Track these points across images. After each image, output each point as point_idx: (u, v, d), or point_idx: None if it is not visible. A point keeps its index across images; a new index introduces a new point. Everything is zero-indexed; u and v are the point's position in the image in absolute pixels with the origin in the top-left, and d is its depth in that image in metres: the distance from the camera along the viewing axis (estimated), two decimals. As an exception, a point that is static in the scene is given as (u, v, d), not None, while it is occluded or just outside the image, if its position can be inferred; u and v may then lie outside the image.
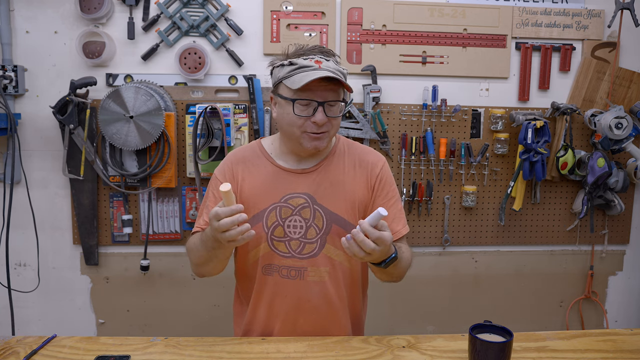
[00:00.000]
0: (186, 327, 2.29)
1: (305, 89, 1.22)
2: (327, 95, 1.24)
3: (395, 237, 1.34)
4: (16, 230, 2.10)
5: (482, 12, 2.22)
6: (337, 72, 1.24)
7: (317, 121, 1.24)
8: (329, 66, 1.24)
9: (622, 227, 2.42)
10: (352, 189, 1.34)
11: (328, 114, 1.25)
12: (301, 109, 1.25)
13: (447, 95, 2.23)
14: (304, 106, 1.24)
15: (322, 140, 1.28)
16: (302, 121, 1.25)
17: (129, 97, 2.00)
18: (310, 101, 1.24)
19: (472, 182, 2.31)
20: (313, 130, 1.25)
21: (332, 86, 1.25)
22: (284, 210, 1.31)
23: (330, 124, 1.27)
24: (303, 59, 1.25)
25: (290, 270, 1.32)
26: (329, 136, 1.29)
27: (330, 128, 1.28)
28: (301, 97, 1.23)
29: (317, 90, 1.23)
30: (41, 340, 1.24)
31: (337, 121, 1.29)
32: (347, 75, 1.30)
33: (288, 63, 1.25)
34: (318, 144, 1.28)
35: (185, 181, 2.18)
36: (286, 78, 1.25)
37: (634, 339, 1.30)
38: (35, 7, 2.08)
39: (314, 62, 1.23)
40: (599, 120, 2.19)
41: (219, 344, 1.25)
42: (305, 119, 1.25)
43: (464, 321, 2.34)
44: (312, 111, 1.24)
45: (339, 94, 1.27)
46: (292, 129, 1.27)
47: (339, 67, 1.27)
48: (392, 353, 1.21)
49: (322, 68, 1.22)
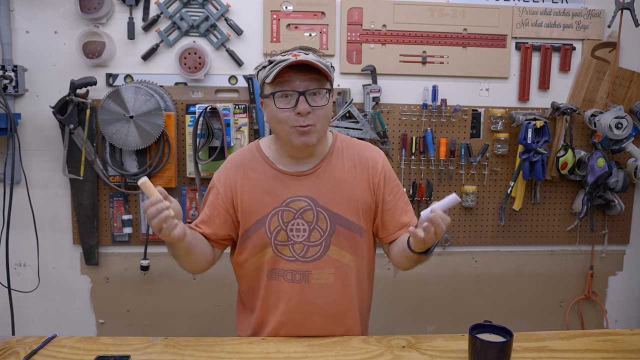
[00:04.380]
0: (186, 327, 2.29)
1: (282, 81, 1.21)
2: (308, 85, 1.21)
3: (404, 231, 1.37)
4: (16, 230, 2.10)
5: (482, 12, 2.22)
6: (316, 61, 1.20)
7: (300, 111, 1.20)
8: (307, 57, 1.21)
9: (622, 227, 2.42)
10: (354, 189, 1.33)
11: (312, 103, 1.22)
12: (283, 102, 1.22)
13: (447, 95, 2.23)
14: (286, 98, 1.22)
15: (310, 135, 1.24)
16: (286, 115, 1.22)
17: (129, 97, 2.00)
18: (291, 92, 1.21)
19: (472, 182, 2.31)
20: (298, 123, 1.22)
21: (313, 75, 1.22)
22: (285, 214, 1.30)
23: (315, 116, 1.23)
24: (282, 56, 1.23)
25: (295, 274, 1.31)
26: (316, 130, 1.24)
27: (316, 120, 1.23)
28: (279, 89, 1.22)
29: (296, 81, 1.21)
30: (41, 340, 1.24)
31: (323, 111, 1.24)
32: (332, 69, 1.28)
33: (267, 62, 1.24)
34: (306, 140, 1.23)
35: (185, 181, 2.18)
36: (267, 76, 1.23)
37: (634, 339, 1.30)
38: (35, 7, 2.08)
39: (292, 55, 1.21)
40: (599, 120, 2.19)
41: (219, 344, 1.25)
42: (289, 112, 1.22)
43: (464, 321, 2.34)
44: (294, 102, 1.21)
45: (322, 83, 1.23)
46: (279, 126, 1.25)
47: (319, 59, 1.23)
48: (392, 353, 1.21)
49: (298, 59, 1.19)
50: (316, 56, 1.25)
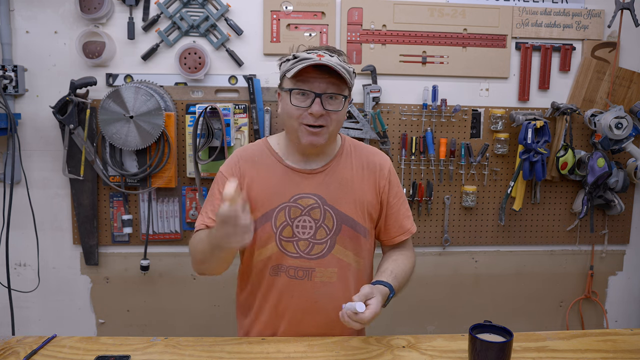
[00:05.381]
0: (186, 327, 2.29)
1: (303, 79, 1.22)
2: (326, 88, 1.23)
3: (405, 236, 1.42)
4: (16, 230, 2.10)
5: (482, 12, 2.22)
6: (339, 66, 1.22)
7: (314, 112, 1.22)
8: (331, 60, 1.22)
9: (622, 227, 2.42)
10: (361, 190, 1.35)
11: (326, 107, 1.23)
12: (299, 100, 1.24)
13: (447, 95, 2.23)
14: (302, 97, 1.24)
15: (319, 136, 1.26)
16: (299, 112, 1.24)
17: (129, 97, 2.00)
18: (308, 92, 1.23)
19: (472, 182, 2.31)
20: (310, 122, 1.24)
21: (333, 79, 1.23)
22: (293, 210, 1.31)
23: (329, 118, 1.25)
24: (307, 53, 1.25)
25: (298, 270, 1.32)
26: (327, 132, 1.26)
27: (328, 123, 1.25)
28: (298, 87, 1.23)
29: (315, 82, 1.22)
30: (41, 340, 1.24)
31: (337, 116, 1.26)
32: (353, 75, 1.29)
33: (292, 57, 1.26)
34: (314, 140, 1.26)
35: (185, 181, 2.18)
36: (288, 70, 1.24)
37: (634, 339, 1.30)
38: (35, 7, 2.08)
39: (317, 55, 1.23)
40: (599, 120, 2.19)
41: (219, 344, 1.24)
42: (302, 110, 1.24)
43: (464, 321, 2.34)
44: (310, 102, 1.23)
45: (341, 88, 1.25)
46: (290, 121, 1.27)
47: (343, 64, 1.25)
48: (392, 353, 1.21)
49: (322, 61, 1.21)
50: (341, 60, 1.26)
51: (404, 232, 1.41)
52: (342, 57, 1.30)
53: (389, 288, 1.25)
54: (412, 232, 1.42)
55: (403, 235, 1.41)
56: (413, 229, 1.43)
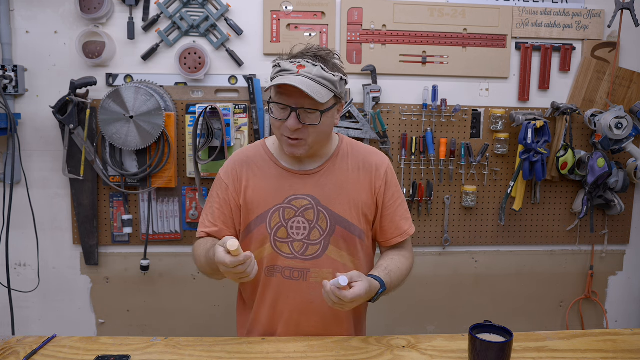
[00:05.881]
0: (186, 327, 2.29)
1: (282, 91, 1.21)
2: (303, 102, 1.20)
3: (402, 237, 1.40)
4: (16, 230, 2.10)
5: (482, 12, 2.22)
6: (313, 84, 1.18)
7: (289, 127, 1.21)
8: (310, 72, 1.19)
9: (622, 227, 2.42)
10: (356, 191, 1.34)
11: (303, 120, 1.22)
12: (279, 112, 1.24)
13: (447, 95, 2.23)
14: (281, 110, 1.23)
15: (299, 148, 1.26)
16: (279, 124, 1.25)
17: (129, 97, 2.00)
18: (285, 106, 1.22)
19: (472, 182, 2.31)
20: (288, 134, 1.24)
21: None
22: (287, 212, 1.31)
23: (306, 132, 1.23)
24: (289, 62, 1.22)
25: (293, 271, 1.32)
26: (306, 144, 1.26)
27: (306, 136, 1.24)
28: (277, 100, 1.23)
29: (292, 96, 1.20)
30: (41, 340, 1.24)
31: (315, 129, 1.23)
32: (341, 82, 1.25)
33: (276, 64, 1.25)
34: (294, 151, 1.26)
35: (185, 181, 2.18)
36: (272, 79, 1.25)
37: (634, 339, 1.30)
38: (35, 7, 2.08)
39: (296, 66, 1.20)
40: (599, 120, 2.19)
41: (219, 344, 1.25)
42: (281, 122, 1.24)
43: (464, 321, 2.34)
44: (286, 115, 1.22)
45: (317, 104, 1.20)
46: (275, 130, 1.28)
47: (323, 74, 1.20)
48: (392, 353, 1.21)
49: (299, 74, 1.19)
50: (327, 68, 1.22)
51: (401, 233, 1.40)
52: (330, 64, 1.25)
53: (380, 283, 1.23)
54: (409, 234, 1.41)
55: (400, 237, 1.40)
56: (411, 230, 1.41)
